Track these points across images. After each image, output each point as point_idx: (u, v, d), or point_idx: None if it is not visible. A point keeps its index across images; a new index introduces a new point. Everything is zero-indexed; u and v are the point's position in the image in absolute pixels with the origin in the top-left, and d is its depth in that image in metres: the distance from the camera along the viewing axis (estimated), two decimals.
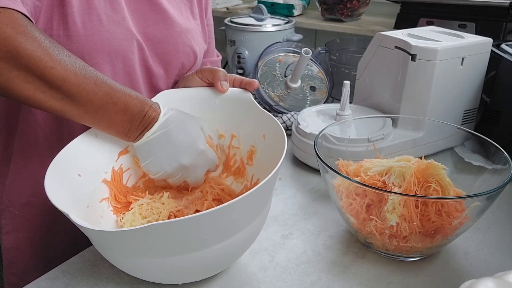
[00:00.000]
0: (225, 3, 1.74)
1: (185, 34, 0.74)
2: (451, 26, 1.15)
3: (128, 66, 0.67)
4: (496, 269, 0.57)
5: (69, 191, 0.54)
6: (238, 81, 0.69)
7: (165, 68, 0.73)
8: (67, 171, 0.56)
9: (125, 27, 0.65)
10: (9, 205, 0.72)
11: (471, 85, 0.86)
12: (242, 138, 0.69)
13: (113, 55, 0.64)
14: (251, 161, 0.68)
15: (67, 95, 0.52)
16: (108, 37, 0.63)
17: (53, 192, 0.49)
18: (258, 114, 0.65)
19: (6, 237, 0.73)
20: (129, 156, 0.65)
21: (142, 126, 0.58)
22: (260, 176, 0.65)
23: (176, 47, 0.72)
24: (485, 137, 0.65)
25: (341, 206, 0.61)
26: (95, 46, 0.62)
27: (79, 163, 0.58)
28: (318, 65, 1.12)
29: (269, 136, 0.64)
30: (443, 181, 0.57)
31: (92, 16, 0.61)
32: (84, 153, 0.59)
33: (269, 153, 0.63)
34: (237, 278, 0.57)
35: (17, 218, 0.72)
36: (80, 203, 0.55)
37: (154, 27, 0.69)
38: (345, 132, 0.77)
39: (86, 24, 0.61)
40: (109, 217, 0.61)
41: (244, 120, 0.68)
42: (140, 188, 0.67)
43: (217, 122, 0.69)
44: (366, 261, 0.61)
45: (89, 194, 0.58)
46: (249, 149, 0.68)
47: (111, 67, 0.65)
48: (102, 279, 0.57)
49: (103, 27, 0.62)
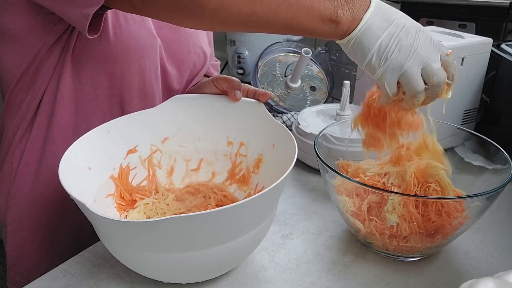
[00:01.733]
0: None
1: (195, 35, 0.76)
2: (451, 26, 1.15)
3: (154, 64, 0.70)
4: (496, 269, 0.57)
5: (79, 184, 0.54)
6: (252, 92, 0.70)
7: (178, 68, 0.75)
8: (79, 163, 0.56)
9: (148, 27, 0.67)
10: (17, 202, 0.72)
11: (471, 85, 0.86)
12: (251, 147, 0.69)
13: (140, 54, 0.66)
14: (257, 169, 0.68)
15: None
16: (135, 36, 0.65)
17: (67, 182, 0.49)
18: (270, 124, 0.65)
19: (10, 236, 0.74)
20: (137, 155, 0.66)
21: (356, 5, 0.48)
22: (265, 185, 0.65)
23: (187, 47, 0.75)
24: (485, 137, 0.65)
25: (341, 206, 0.61)
26: (123, 44, 0.63)
27: (90, 157, 0.59)
28: (318, 65, 1.12)
29: (278, 145, 0.64)
30: (443, 181, 0.57)
31: (118, 16, 0.63)
32: (96, 147, 0.60)
33: (276, 162, 0.64)
34: (237, 278, 0.57)
35: (23, 216, 0.72)
36: (88, 196, 0.56)
37: (167, 28, 0.72)
38: (345, 132, 0.77)
39: (114, 23, 0.62)
40: (113, 214, 0.61)
41: (255, 130, 0.68)
42: (145, 187, 0.67)
43: (227, 130, 0.70)
44: (366, 261, 0.61)
45: (96, 189, 0.59)
46: (257, 157, 0.68)
47: (139, 65, 0.67)
48: (102, 279, 0.57)
49: (129, 27, 0.64)
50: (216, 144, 0.70)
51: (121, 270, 0.58)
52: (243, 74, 1.35)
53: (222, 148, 0.70)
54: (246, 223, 0.50)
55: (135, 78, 0.68)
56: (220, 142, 0.70)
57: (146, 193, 0.66)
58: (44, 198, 0.72)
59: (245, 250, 0.55)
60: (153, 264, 0.50)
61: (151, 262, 0.50)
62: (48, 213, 0.73)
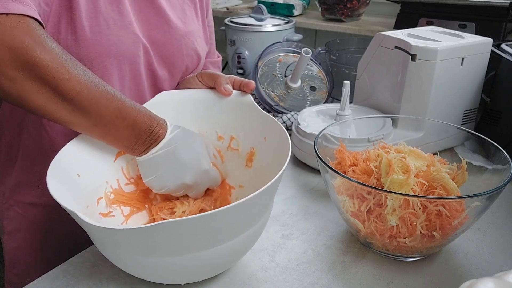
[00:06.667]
0: (225, 3, 1.74)
1: (188, 36, 0.74)
2: (451, 26, 1.15)
3: (135, 70, 0.68)
4: (496, 269, 0.57)
5: (70, 191, 0.54)
6: (238, 83, 0.69)
7: (169, 71, 0.74)
8: (67, 171, 0.56)
9: (132, 31, 0.65)
10: (13, 205, 0.72)
11: (471, 85, 0.86)
12: (242, 140, 0.69)
13: (120, 59, 0.65)
14: (250, 163, 0.68)
15: (79, 108, 0.52)
16: (116, 41, 0.63)
17: (57, 191, 0.49)
18: (259, 116, 0.65)
19: (7, 237, 0.74)
20: (126, 157, 0.65)
21: (149, 142, 0.59)
22: (261, 179, 0.64)
23: (179, 49, 0.73)
24: (485, 137, 0.65)
25: (341, 206, 0.61)
26: (103, 50, 0.62)
27: (78, 163, 0.58)
28: (318, 65, 1.12)
29: (270, 139, 0.64)
30: (448, 184, 0.57)
31: (99, 20, 0.61)
32: (83, 153, 0.59)
33: (270, 156, 0.63)
34: (237, 278, 0.57)
35: (19, 218, 0.72)
36: (80, 203, 0.55)
37: (157, 30, 0.70)
38: (345, 132, 0.77)
39: (93, 28, 0.61)
40: (107, 218, 0.61)
41: (243, 122, 0.68)
42: (136, 195, 0.66)
43: (216, 124, 0.69)
44: (366, 261, 0.61)
45: (88, 195, 0.58)
46: (249, 151, 0.68)
47: (119, 70, 0.65)
48: (102, 279, 0.57)
49: (110, 31, 0.62)
50: (207, 139, 0.69)
51: (121, 271, 0.58)
52: (243, 74, 1.35)
53: (212, 142, 0.70)
54: (242, 223, 0.50)
55: (115, 83, 0.66)
56: (210, 137, 0.70)
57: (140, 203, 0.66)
58: (41, 200, 0.72)
59: (245, 246, 0.55)
60: (149, 267, 0.50)
61: (147, 266, 0.49)
62: (45, 216, 0.73)
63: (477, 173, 0.63)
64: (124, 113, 0.55)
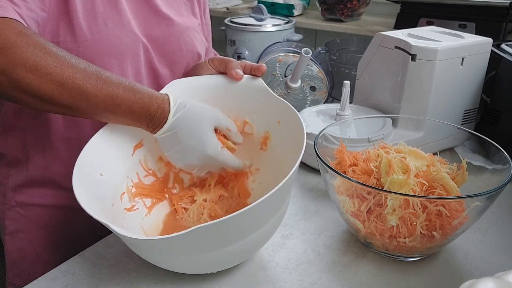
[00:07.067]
0: (225, 3, 1.74)
1: (186, 33, 0.74)
2: (451, 26, 1.15)
3: (135, 68, 0.68)
4: (496, 269, 0.57)
5: (95, 194, 0.54)
6: (249, 68, 0.69)
7: (170, 68, 0.74)
8: (91, 174, 0.56)
9: (130, 30, 0.66)
10: (15, 205, 0.72)
11: (471, 85, 0.86)
12: (256, 124, 0.68)
13: (121, 58, 0.65)
14: (265, 146, 0.68)
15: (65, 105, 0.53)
16: (115, 40, 0.63)
17: (87, 203, 0.49)
18: (271, 99, 0.65)
19: (9, 238, 0.74)
20: (144, 149, 0.65)
21: (152, 126, 0.59)
22: (277, 161, 0.65)
23: (179, 46, 0.73)
24: (485, 137, 0.65)
25: (341, 206, 0.61)
26: (103, 50, 0.62)
27: (98, 164, 0.58)
28: (318, 65, 1.12)
29: (284, 122, 0.64)
30: (448, 184, 0.57)
31: (97, 20, 0.61)
32: (102, 152, 0.59)
33: (284, 139, 0.63)
34: (237, 278, 0.57)
35: (21, 219, 0.72)
36: (106, 203, 0.56)
37: (156, 28, 0.70)
38: (345, 132, 0.77)
39: (92, 28, 0.61)
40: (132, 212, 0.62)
41: (256, 106, 0.67)
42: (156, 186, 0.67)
43: (228, 109, 0.68)
44: (366, 261, 0.61)
45: (111, 192, 0.59)
46: (263, 135, 0.68)
47: (120, 70, 0.65)
48: (102, 279, 0.57)
49: (109, 31, 0.63)
50: None
51: (121, 270, 0.58)
52: None
53: (233, 131, 0.68)
54: (262, 217, 0.51)
55: None
56: (231, 127, 0.69)
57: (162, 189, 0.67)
58: (44, 201, 0.72)
59: (265, 238, 0.57)
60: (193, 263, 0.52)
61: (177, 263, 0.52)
62: (47, 217, 0.73)
63: (477, 173, 0.63)
64: (118, 100, 0.55)
